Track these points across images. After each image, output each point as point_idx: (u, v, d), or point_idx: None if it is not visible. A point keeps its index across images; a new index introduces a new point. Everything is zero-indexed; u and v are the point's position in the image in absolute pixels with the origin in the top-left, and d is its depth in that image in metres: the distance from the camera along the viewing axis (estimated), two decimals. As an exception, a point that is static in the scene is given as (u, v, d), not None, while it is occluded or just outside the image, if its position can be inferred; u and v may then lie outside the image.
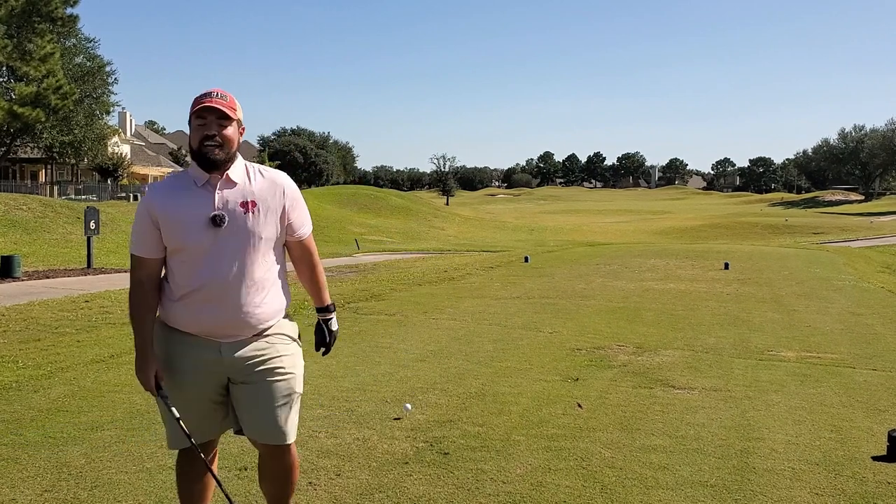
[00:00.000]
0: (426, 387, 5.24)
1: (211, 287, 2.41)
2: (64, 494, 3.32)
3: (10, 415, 4.54)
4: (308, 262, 2.66)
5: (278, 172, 2.56)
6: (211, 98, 2.40)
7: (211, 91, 2.43)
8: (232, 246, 2.41)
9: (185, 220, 2.40)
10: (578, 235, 44.25)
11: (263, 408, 2.51)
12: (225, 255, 2.41)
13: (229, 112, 2.41)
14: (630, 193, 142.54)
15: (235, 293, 2.42)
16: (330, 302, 2.74)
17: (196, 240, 2.40)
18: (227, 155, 2.42)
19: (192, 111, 2.41)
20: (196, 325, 2.45)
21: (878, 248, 25.76)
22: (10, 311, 8.93)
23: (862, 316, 8.71)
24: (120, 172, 53.83)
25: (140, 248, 2.49)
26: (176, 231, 2.41)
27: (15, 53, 28.90)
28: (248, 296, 2.44)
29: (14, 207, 22.77)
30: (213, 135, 2.39)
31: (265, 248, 2.48)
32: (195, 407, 2.53)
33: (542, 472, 3.61)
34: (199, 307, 2.43)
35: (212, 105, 2.38)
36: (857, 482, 3.51)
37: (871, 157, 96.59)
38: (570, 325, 8.01)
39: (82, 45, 44.26)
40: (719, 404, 4.84)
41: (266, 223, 2.46)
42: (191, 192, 2.44)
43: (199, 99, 2.42)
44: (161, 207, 2.44)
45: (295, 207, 2.56)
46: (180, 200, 2.43)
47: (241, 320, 2.44)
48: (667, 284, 11.88)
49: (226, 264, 2.41)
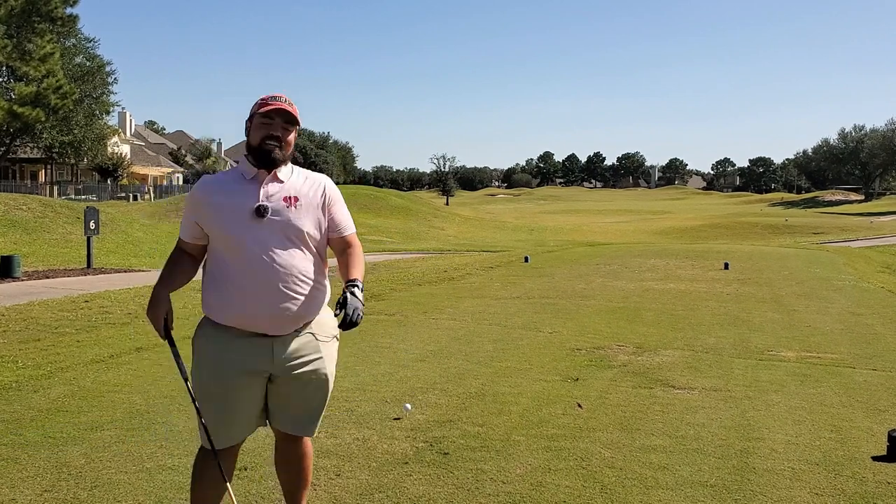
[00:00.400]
0: (426, 387, 5.24)
1: (256, 277, 2.47)
2: (64, 494, 3.32)
3: (9, 415, 4.53)
4: (350, 253, 2.69)
5: (320, 174, 2.69)
6: (280, 102, 2.52)
7: (278, 95, 2.56)
8: (275, 238, 2.49)
9: (229, 210, 2.50)
10: (578, 235, 44.24)
11: (303, 404, 2.63)
12: (268, 247, 2.48)
13: (295, 117, 2.55)
14: (630, 193, 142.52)
15: (279, 284, 2.48)
16: (356, 277, 2.60)
17: (239, 230, 2.48)
18: (284, 157, 2.55)
19: (260, 111, 2.53)
20: (242, 317, 2.50)
21: (878, 248, 25.75)
22: (9, 311, 8.93)
23: (862, 316, 8.71)
24: (120, 172, 53.84)
25: (184, 232, 2.65)
26: (220, 221, 2.51)
27: (15, 53, 28.89)
28: (291, 287, 2.50)
29: (14, 207, 22.77)
30: (278, 136, 2.52)
31: (307, 243, 2.56)
32: (240, 407, 2.56)
33: (542, 472, 3.61)
34: (245, 298, 2.48)
35: (282, 108, 2.51)
36: (857, 482, 3.51)
37: (871, 157, 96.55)
38: (570, 325, 8.01)
39: (82, 45, 44.28)
40: (719, 404, 4.84)
41: (307, 218, 2.55)
42: (239, 184, 2.55)
43: (266, 100, 2.54)
44: (206, 198, 2.55)
45: (336, 206, 2.66)
46: (227, 192, 2.54)
47: (286, 312, 2.50)
48: (667, 284, 11.88)
49: (270, 255, 2.48)
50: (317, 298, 2.58)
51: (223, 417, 2.55)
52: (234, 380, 2.52)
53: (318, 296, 2.59)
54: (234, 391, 2.53)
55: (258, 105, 2.55)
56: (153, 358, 6.20)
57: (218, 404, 2.54)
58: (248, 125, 2.57)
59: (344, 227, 2.68)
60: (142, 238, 24.18)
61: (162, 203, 40.64)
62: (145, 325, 7.86)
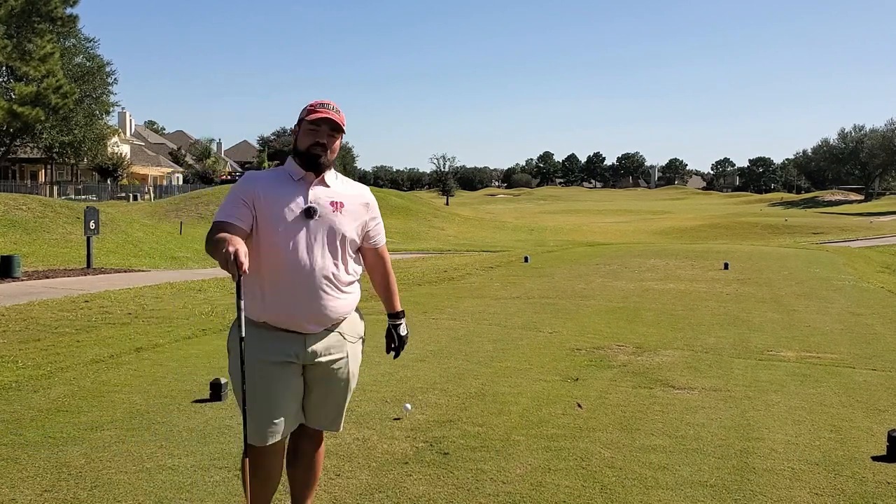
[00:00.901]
0: (426, 387, 5.24)
1: (297, 276, 2.56)
2: (63, 494, 3.32)
3: (9, 415, 4.53)
4: (382, 269, 2.90)
5: (362, 185, 2.82)
6: (328, 110, 2.61)
7: (327, 102, 2.64)
8: (320, 239, 2.60)
9: (281, 208, 2.58)
10: (578, 235, 44.24)
11: (329, 399, 2.75)
12: (313, 247, 2.58)
13: (342, 126, 2.64)
14: (630, 193, 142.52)
15: (320, 284, 2.58)
16: (400, 309, 2.97)
17: (289, 228, 2.56)
18: (329, 162, 2.66)
19: (308, 117, 2.61)
20: (283, 314, 2.58)
21: (877, 248, 25.76)
22: (9, 311, 8.93)
23: (862, 316, 8.71)
24: (120, 172, 53.84)
25: (227, 214, 2.54)
26: (272, 218, 2.57)
27: (15, 53, 28.89)
28: (331, 287, 2.61)
29: (14, 207, 22.76)
30: (324, 143, 2.61)
31: (347, 246, 2.68)
32: (284, 400, 2.62)
33: (542, 472, 3.62)
34: (287, 296, 2.57)
35: (329, 117, 2.60)
36: (857, 482, 3.52)
37: (871, 157, 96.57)
38: (570, 325, 8.01)
39: (82, 45, 44.29)
40: (719, 404, 4.84)
41: (350, 224, 2.68)
42: (288, 184, 2.64)
43: (315, 107, 2.63)
44: (263, 191, 2.60)
45: (375, 218, 2.81)
46: (279, 190, 2.62)
47: (323, 311, 2.61)
48: (667, 284, 11.89)
49: (313, 255, 2.58)
50: (349, 300, 2.70)
51: (270, 410, 2.59)
52: (276, 370, 2.59)
53: (350, 298, 2.70)
54: (277, 382, 2.60)
55: (307, 111, 2.63)
56: (153, 358, 6.20)
57: (263, 397, 2.58)
58: (297, 129, 2.66)
59: (379, 239, 2.85)
60: (142, 238, 24.18)
61: (162, 203, 40.64)
62: (145, 325, 7.86)
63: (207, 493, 3.34)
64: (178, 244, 24.84)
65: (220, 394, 4.82)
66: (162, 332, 7.39)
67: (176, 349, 6.58)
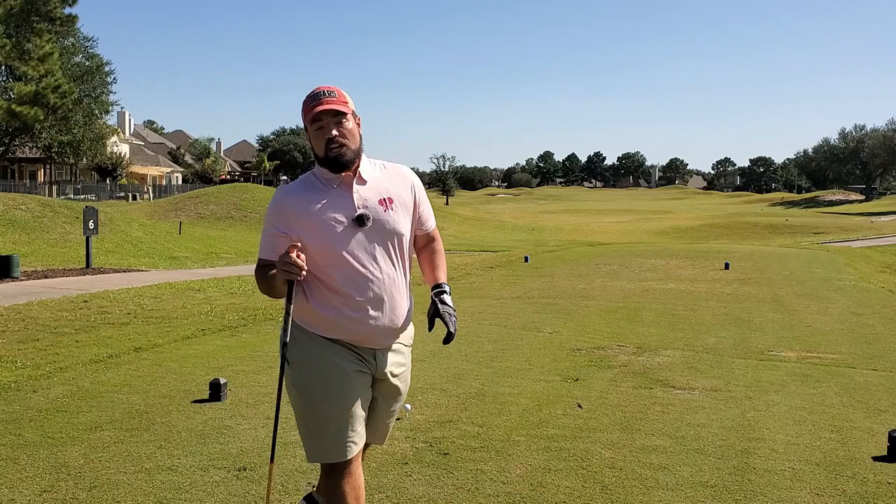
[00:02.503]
0: (426, 387, 5.23)
1: (362, 291, 2.31)
2: (63, 495, 3.31)
3: (8, 415, 4.52)
4: (432, 248, 2.62)
5: (402, 166, 2.51)
6: (321, 99, 2.32)
7: (318, 91, 2.35)
8: (379, 246, 2.35)
9: (328, 222, 2.31)
10: (578, 235, 44.23)
11: (387, 411, 2.57)
12: (374, 257, 2.33)
13: (342, 108, 2.33)
14: (630, 193, 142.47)
15: (388, 297, 2.36)
16: (443, 281, 2.58)
17: (340, 242, 2.30)
18: (355, 151, 2.35)
19: (307, 118, 2.34)
20: (352, 333, 2.35)
21: (878, 248, 25.77)
22: (8, 311, 8.92)
23: (862, 316, 8.70)
24: (119, 172, 53.84)
25: (268, 251, 2.37)
26: (319, 233, 2.30)
27: (14, 53, 28.89)
28: (397, 299, 2.39)
29: (13, 207, 22.74)
30: (335, 136, 2.31)
31: (402, 246, 2.43)
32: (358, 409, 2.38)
33: (542, 473, 3.61)
34: (355, 315, 2.32)
35: (325, 109, 2.30)
36: (858, 482, 3.51)
37: (872, 156, 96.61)
38: (570, 325, 8.00)
39: (81, 45, 44.34)
40: (719, 404, 4.83)
41: (403, 219, 2.41)
42: (328, 193, 2.35)
43: (309, 104, 2.34)
44: (299, 208, 2.33)
45: (423, 200, 2.51)
46: (317, 204, 2.33)
47: (394, 326, 2.40)
48: (667, 284, 11.88)
49: (376, 266, 2.33)
50: (409, 306, 2.48)
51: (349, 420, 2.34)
52: (353, 378, 2.37)
53: (409, 304, 2.48)
54: (354, 390, 2.37)
55: (303, 112, 2.36)
56: (152, 358, 6.19)
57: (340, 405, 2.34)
58: (307, 135, 2.39)
59: (429, 223, 2.57)
60: (141, 238, 24.17)
61: (161, 203, 40.62)
62: (145, 325, 7.85)
63: (207, 494, 3.33)
64: (177, 244, 24.83)
65: (219, 394, 4.81)
66: (161, 332, 7.38)
67: (175, 349, 6.57)
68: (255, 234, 29.52)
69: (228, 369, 5.72)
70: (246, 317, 8.24)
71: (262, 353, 6.40)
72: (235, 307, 9.06)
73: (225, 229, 32.03)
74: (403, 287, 2.43)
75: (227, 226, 33.29)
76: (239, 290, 11.20)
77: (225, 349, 6.57)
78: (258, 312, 8.52)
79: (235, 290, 11.33)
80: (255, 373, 5.64)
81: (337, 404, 2.34)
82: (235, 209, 35.84)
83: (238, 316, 8.30)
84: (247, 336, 7.24)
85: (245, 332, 7.44)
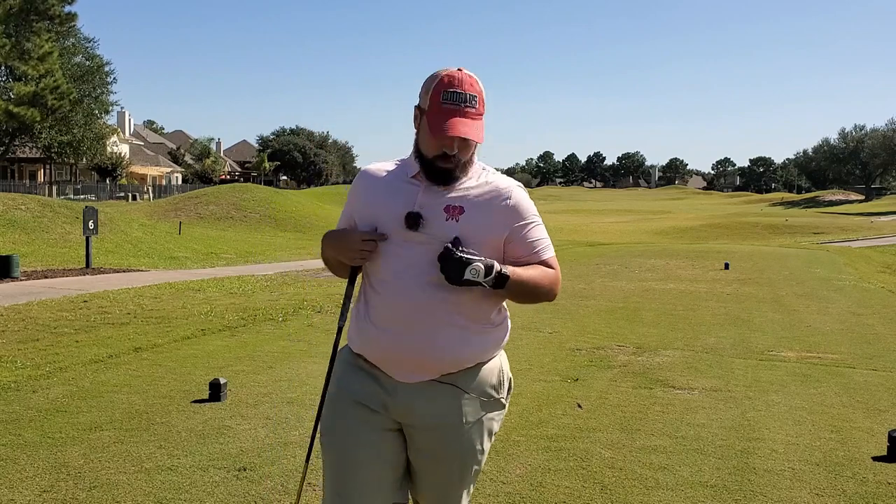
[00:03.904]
0: (426, 387, 5.22)
1: (394, 306, 1.95)
2: (62, 495, 3.31)
3: (8, 415, 4.52)
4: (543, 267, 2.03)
5: (508, 180, 2.03)
6: (465, 110, 1.92)
7: (463, 93, 1.92)
8: (426, 257, 1.91)
9: (383, 214, 1.98)
10: (578, 235, 44.21)
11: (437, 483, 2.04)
12: (416, 266, 1.93)
13: (475, 138, 1.93)
14: (630, 193, 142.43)
15: (420, 318, 1.93)
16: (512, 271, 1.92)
17: (387, 243, 1.97)
18: (463, 170, 1.98)
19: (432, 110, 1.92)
20: (370, 349, 2.00)
21: (878, 248, 25.76)
22: (8, 311, 8.92)
23: (862, 316, 8.71)
24: (119, 172, 53.87)
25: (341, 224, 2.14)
26: (368, 225, 2.01)
27: (13, 52, 28.87)
28: (436, 325, 1.93)
29: (12, 207, 22.74)
30: (453, 154, 1.93)
31: None
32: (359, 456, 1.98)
33: (542, 473, 3.61)
34: (377, 328, 1.97)
35: (459, 135, 1.89)
36: (858, 482, 3.51)
37: (872, 156, 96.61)
38: (570, 325, 8.00)
39: (81, 45, 44.34)
40: (719, 404, 4.83)
41: (473, 236, 1.92)
42: (398, 182, 2.01)
43: (446, 102, 1.91)
44: (365, 194, 2.05)
45: (526, 223, 2.00)
46: (386, 190, 2.01)
47: (422, 357, 1.94)
48: (667, 284, 11.88)
49: (415, 278, 1.93)
50: (472, 344, 1.97)
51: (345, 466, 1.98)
52: (349, 411, 1.99)
53: (475, 341, 1.97)
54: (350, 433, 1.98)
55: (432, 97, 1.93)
56: (152, 358, 6.19)
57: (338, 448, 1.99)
58: (418, 115, 1.97)
59: (538, 250, 2.00)
60: (141, 238, 24.17)
61: (161, 203, 40.60)
62: (144, 325, 7.85)
63: (206, 494, 3.33)
64: (177, 244, 24.83)
65: (219, 394, 4.81)
66: (161, 332, 7.38)
67: (175, 349, 6.57)
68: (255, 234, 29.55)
69: (228, 369, 5.72)
70: (246, 317, 8.24)
71: (262, 353, 6.40)
72: (235, 307, 9.06)
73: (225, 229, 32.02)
74: (458, 316, 1.94)
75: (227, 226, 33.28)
76: (239, 291, 11.20)
77: (225, 349, 6.57)
78: (258, 312, 8.52)
79: (235, 290, 11.32)
80: (254, 373, 5.64)
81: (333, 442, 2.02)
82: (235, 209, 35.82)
83: (238, 316, 8.30)
84: (247, 336, 7.24)
85: (245, 332, 7.44)
